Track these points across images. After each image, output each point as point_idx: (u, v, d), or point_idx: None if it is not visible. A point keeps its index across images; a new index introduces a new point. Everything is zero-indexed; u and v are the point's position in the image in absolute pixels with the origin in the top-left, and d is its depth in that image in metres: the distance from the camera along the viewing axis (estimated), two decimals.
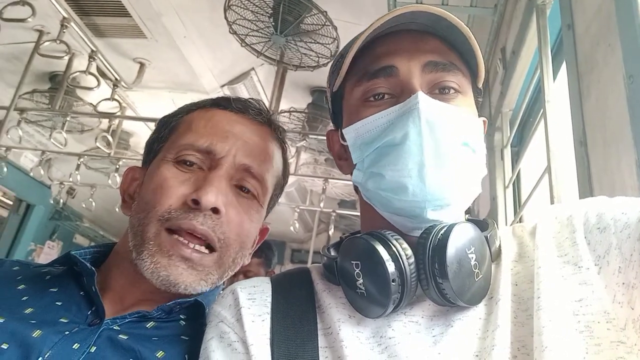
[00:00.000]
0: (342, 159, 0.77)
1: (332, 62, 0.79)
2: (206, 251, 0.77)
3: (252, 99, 0.92)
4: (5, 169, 3.72)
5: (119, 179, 3.76)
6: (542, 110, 1.62)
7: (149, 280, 0.74)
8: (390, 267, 0.60)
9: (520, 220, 2.07)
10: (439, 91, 0.68)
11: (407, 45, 0.70)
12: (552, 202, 1.43)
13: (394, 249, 0.61)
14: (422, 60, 0.68)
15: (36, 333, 0.66)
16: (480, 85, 0.75)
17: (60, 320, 0.71)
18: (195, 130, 0.84)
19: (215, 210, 0.76)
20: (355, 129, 0.70)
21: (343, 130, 0.73)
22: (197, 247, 0.75)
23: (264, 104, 0.93)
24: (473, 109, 0.72)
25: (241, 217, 0.80)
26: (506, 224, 2.19)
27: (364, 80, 0.70)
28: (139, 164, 0.92)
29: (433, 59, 0.68)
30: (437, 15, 0.67)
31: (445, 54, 0.70)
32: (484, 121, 0.77)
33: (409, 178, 0.63)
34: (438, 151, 0.64)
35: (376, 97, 0.69)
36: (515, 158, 2.33)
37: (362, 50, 0.71)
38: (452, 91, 0.69)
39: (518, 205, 2.29)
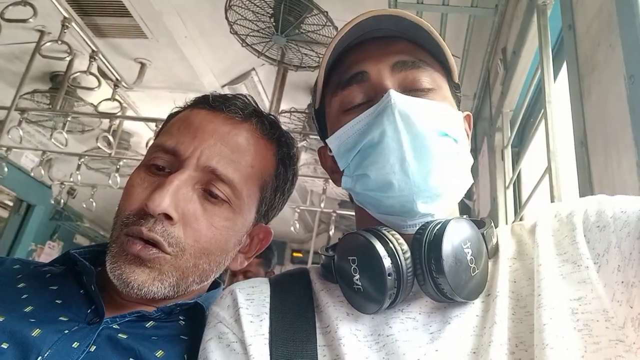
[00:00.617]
0: (335, 172, 0.78)
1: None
2: (156, 250, 0.72)
3: (239, 94, 0.87)
4: (5, 169, 3.73)
5: (119, 179, 3.77)
6: (542, 111, 1.61)
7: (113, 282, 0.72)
8: (386, 262, 0.60)
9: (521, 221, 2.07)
10: (413, 88, 0.70)
11: (375, 51, 0.72)
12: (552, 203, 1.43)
13: (390, 244, 0.61)
14: (390, 61, 0.70)
15: (35, 332, 0.66)
16: (455, 79, 0.76)
17: (60, 318, 0.71)
18: (168, 132, 0.81)
19: (167, 216, 0.71)
20: (337, 137, 0.71)
21: (327, 141, 0.74)
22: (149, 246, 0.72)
23: (252, 98, 0.87)
24: (450, 101, 0.73)
25: (201, 223, 0.74)
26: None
27: (340, 90, 0.72)
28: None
29: (401, 59, 0.70)
30: (399, 16, 0.69)
31: (413, 52, 0.72)
32: (467, 115, 0.79)
33: (393, 174, 0.64)
34: (416, 143, 0.65)
35: (353, 103, 0.71)
36: (516, 158, 2.33)
37: (335, 63, 0.74)
38: (425, 87, 0.70)
39: (518, 205, 2.29)
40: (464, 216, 0.74)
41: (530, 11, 1.81)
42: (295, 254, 7.34)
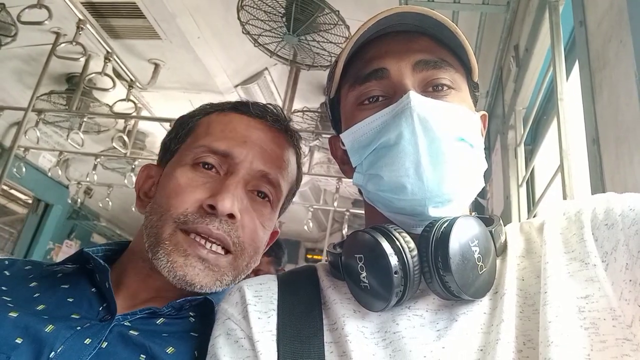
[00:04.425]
0: (345, 163, 0.78)
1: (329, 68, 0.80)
2: (222, 252, 0.78)
3: (269, 104, 0.93)
4: (24, 169, 3.80)
5: (134, 179, 3.80)
6: (555, 108, 1.60)
7: (166, 278, 0.75)
8: (393, 260, 0.60)
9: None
10: (432, 89, 0.69)
11: (397, 47, 0.70)
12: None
13: (397, 242, 0.61)
14: (412, 59, 0.69)
15: (49, 328, 0.67)
16: (475, 79, 0.75)
17: (72, 316, 0.72)
18: (213, 133, 0.85)
19: (230, 216, 0.77)
20: (352, 132, 0.71)
21: (341, 135, 0.74)
22: (215, 247, 0.77)
23: (281, 109, 0.94)
24: (468, 103, 0.72)
25: (255, 223, 0.81)
26: None
27: (357, 85, 0.71)
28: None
29: (423, 58, 0.69)
30: (424, 14, 0.68)
31: (436, 51, 0.70)
32: (483, 115, 0.77)
33: (407, 177, 0.64)
34: (433, 148, 0.64)
35: (370, 100, 0.70)
36: (529, 156, 2.31)
37: (354, 55, 0.72)
38: (445, 88, 0.69)
39: (532, 204, 2.27)
40: (473, 213, 0.74)
41: (542, 8, 1.80)
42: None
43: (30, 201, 5.28)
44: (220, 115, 0.88)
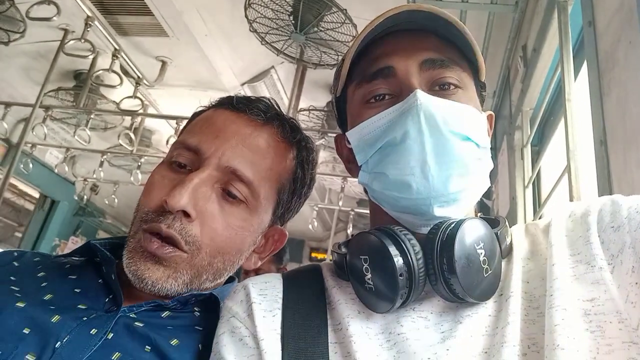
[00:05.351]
0: (350, 162, 0.77)
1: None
2: (174, 249, 0.73)
3: (263, 97, 0.87)
4: (30, 166, 3.82)
5: (140, 176, 3.82)
6: (562, 109, 1.60)
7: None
8: (398, 261, 0.60)
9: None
10: (439, 88, 0.68)
11: (404, 45, 0.70)
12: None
13: (402, 244, 0.61)
14: (419, 58, 0.68)
15: (55, 318, 0.67)
16: (482, 79, 0.75)
17: (79, 306, 0.72)
18: (191, 130, 0.83)
19: (185, 213, 0.72)
20: (358, 131, 0.70)
21: (347, 134, 0.73)
22: (166, 243, 0.73)
23: (275, 102, 0.89)
24: (475, 103, 0.72)
25: (218, 222, 0.75)
26: None
27: (364, 83, 0.71)
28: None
29: (430, 57, 0.68)
30: (432, 13, 0.67)
31: (443, 50, 0.70)
32: (489, 115, 0.77)
33: (412, 176, 0.63)
34: (439, 147, 0.63)
35: (377, 98, 0.70)
36: (536, 157, 2.30)
37: (361, 53, 0.72)
38: (451, 87, 0.68)
39: (538, 205, 2.26)
40: (479, 214, 0.73)
41: (550, 8, 1.79)
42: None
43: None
44: (206, 112, 0.86)
